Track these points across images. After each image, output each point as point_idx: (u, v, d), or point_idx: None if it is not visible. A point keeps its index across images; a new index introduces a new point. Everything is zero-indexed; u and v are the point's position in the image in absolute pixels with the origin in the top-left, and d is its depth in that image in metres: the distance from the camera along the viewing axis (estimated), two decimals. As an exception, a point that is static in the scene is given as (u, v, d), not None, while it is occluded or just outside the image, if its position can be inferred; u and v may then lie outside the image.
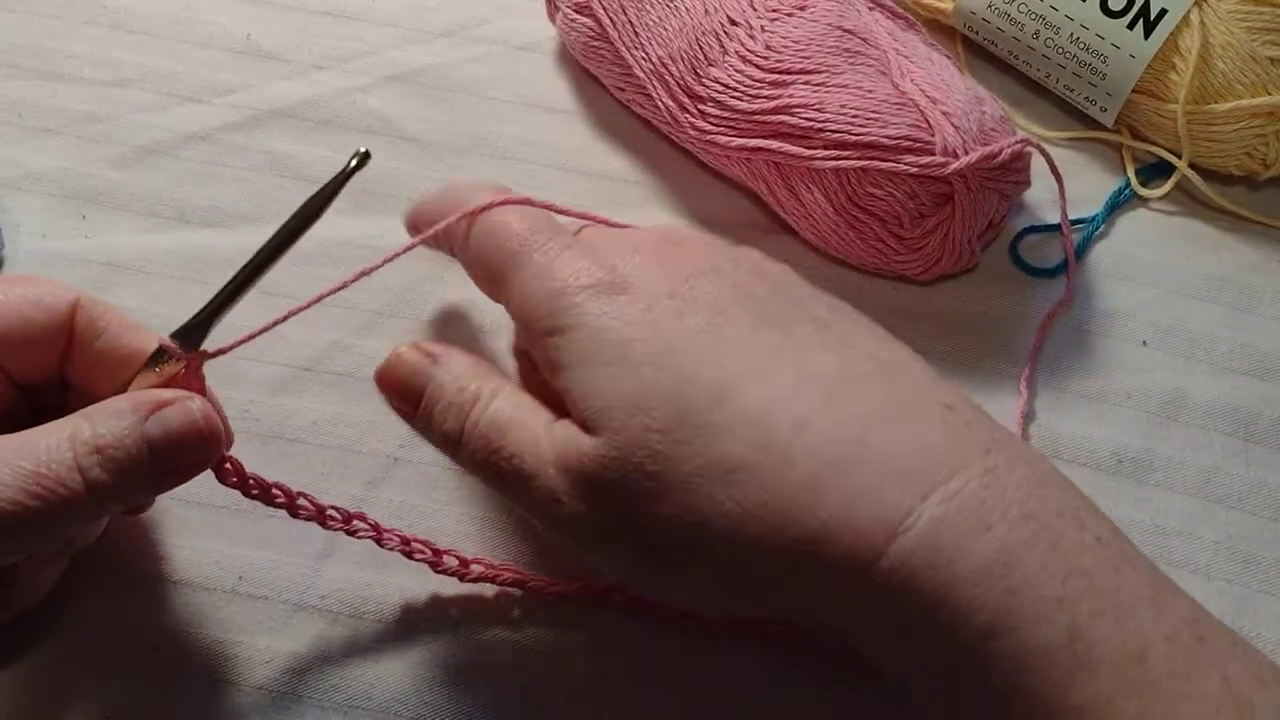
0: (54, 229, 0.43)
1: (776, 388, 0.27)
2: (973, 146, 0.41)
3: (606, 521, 0.28)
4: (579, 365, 0.29)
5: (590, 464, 0.28)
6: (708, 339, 0.28)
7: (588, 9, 0.46)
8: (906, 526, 0.24)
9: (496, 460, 0.30)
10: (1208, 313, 0.45)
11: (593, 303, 0.29)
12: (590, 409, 0.28)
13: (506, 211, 0.33)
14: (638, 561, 0.29)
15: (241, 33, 0.49)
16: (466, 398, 0.31)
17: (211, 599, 0.36)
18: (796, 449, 0.25)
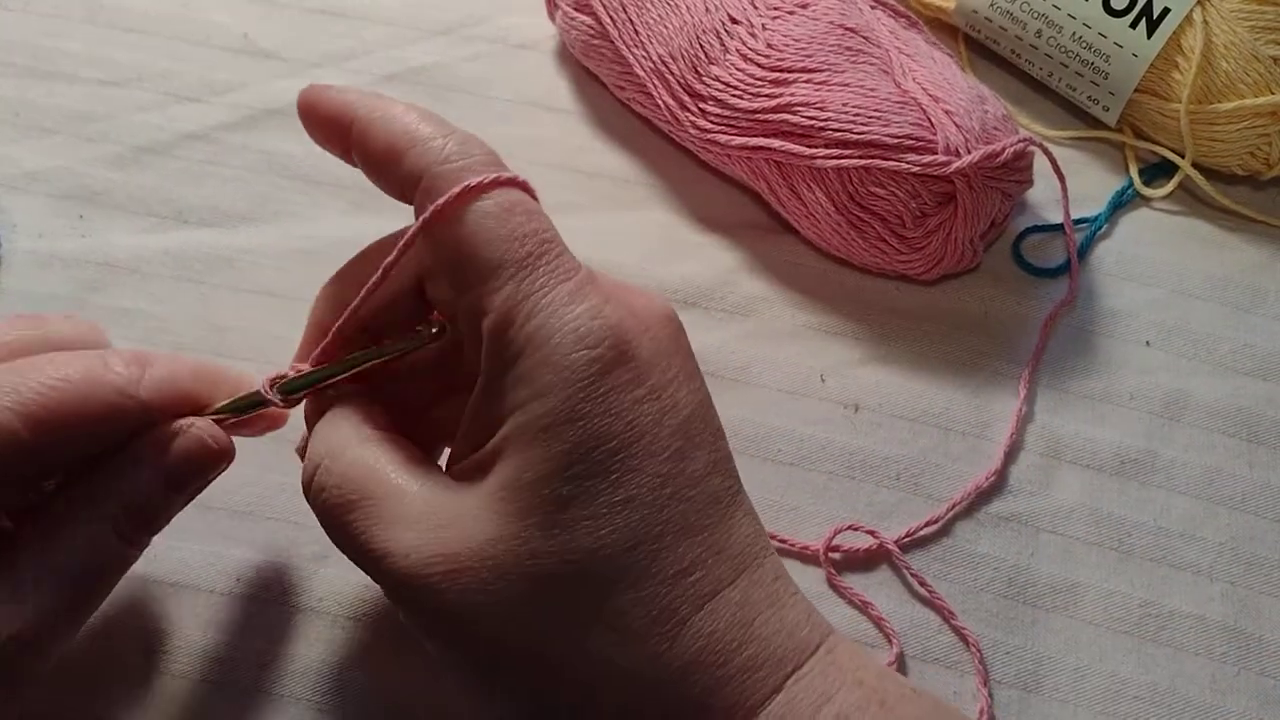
0: (51, 229, 0.43)
1: (697, 558, 0.27)
2: (975, 145, 0.40)
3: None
4: (531, 432, 0.26)
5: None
6: (678, 480, 0.27)
7: (587, 7, 0.46)
8: (762, 709, 0.26)
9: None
10: (1211, 313, 0.45)
11: (595, 367, 0.26)
12: (518, 469, 0.26)
13: (513, 196, 0.28)
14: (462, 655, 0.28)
15: (239, 31, 0.49)
16: (319, 451, 0.30)
17: (209, 601, 0.36)
18: (689, 625, 0.27)
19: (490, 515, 0.26)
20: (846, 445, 0.41)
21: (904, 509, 0.40)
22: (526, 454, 0.26)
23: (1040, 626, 0.38)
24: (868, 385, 0.42)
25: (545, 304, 0.27)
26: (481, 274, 0.27)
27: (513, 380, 0.27)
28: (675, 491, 0.27)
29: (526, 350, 0.26)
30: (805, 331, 0.43)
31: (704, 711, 0.26)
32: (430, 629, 0.28)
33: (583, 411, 0.26)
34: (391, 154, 0.29)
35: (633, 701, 0.26)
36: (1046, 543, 0.39)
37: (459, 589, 0.26)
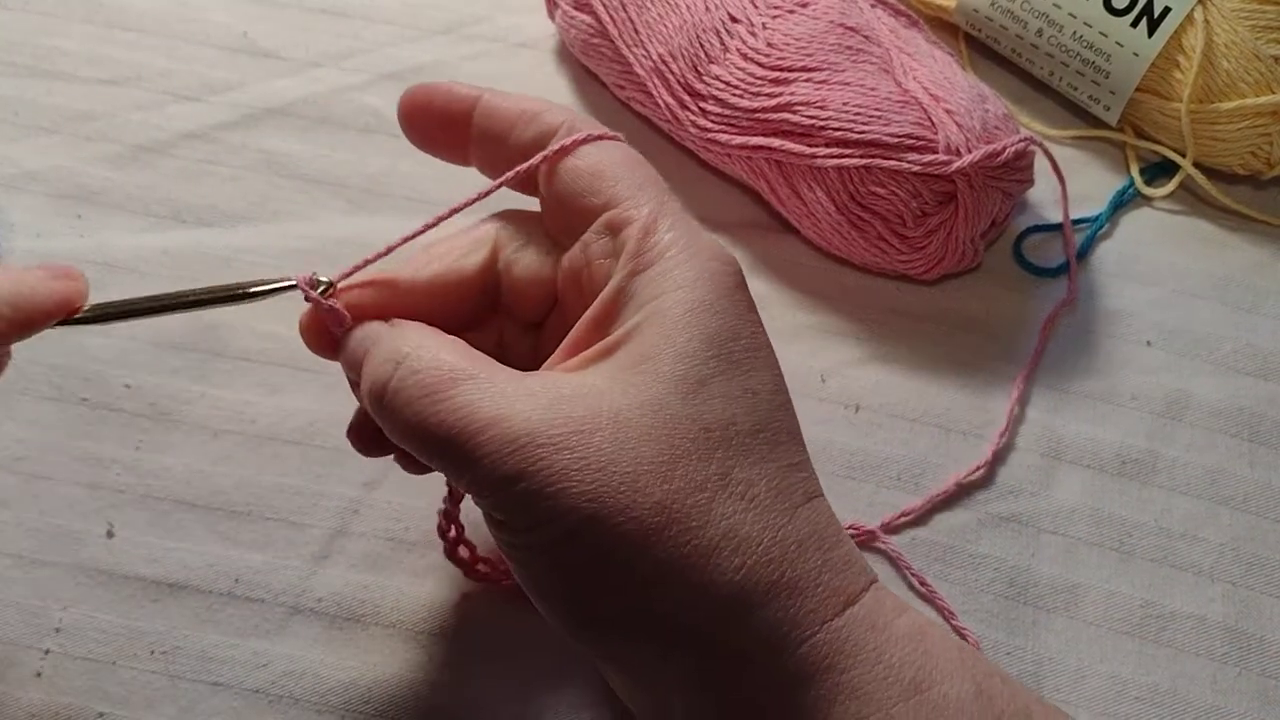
0: (49, 228, 0.43)
1: (805, 458, 0.29)
2: (976, 145, 0.40)
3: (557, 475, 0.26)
4: (676, 317, 0.28)
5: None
6: (785, 393, 0.29)
7: (587, 6, 0.46)
8: (858, 599, 0.28)
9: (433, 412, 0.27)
10: (1212, 312, 0.45)
11: (728, 279, 0.29)
12: (651, 353, 0.27)
13: (623, 148, 0.32)
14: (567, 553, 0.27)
15: (238, 30, 0.49)
16: (394, 354, 0.28)
17: (208, 602, 0.36)
18: (800, 511, 0.28)
19: (623, 387, 0.27)
20: (846, 445, 0.41)
21: (904, 509, 0.39)
22: (668, 333, 0.27)
23: (1041, 627, 0.38)
24: (868, 385, 0.42)
25: (685, 222, 0.30)
26: (625, 193, 0.30)
27: (651, 277, 0.28)
28: (784, 401, 0.29)
29: (671, 250, 0.29)
30: (805, 331, 0.43)
31: (812, 591, 0.27)
32: (543, 496, 0.26)
33: (721, 306, 0.28)
34: (521, 120, 0.31)
35: (750, 568, 0.27)
36: (1047, 543, 0.39)
37: (590, 448, 0.26)
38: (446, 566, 0.37)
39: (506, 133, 0.32)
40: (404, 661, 0.36)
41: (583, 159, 0.31)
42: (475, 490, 0.27)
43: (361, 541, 0.38)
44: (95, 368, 0.40)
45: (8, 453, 0.38)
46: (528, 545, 0.27)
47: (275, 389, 0.40)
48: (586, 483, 0.26)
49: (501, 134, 0.32)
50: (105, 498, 0.38)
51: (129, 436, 0.39)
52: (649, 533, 0.26)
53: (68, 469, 0.38)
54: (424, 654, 0.36)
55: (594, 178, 0.30)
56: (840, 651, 0.27)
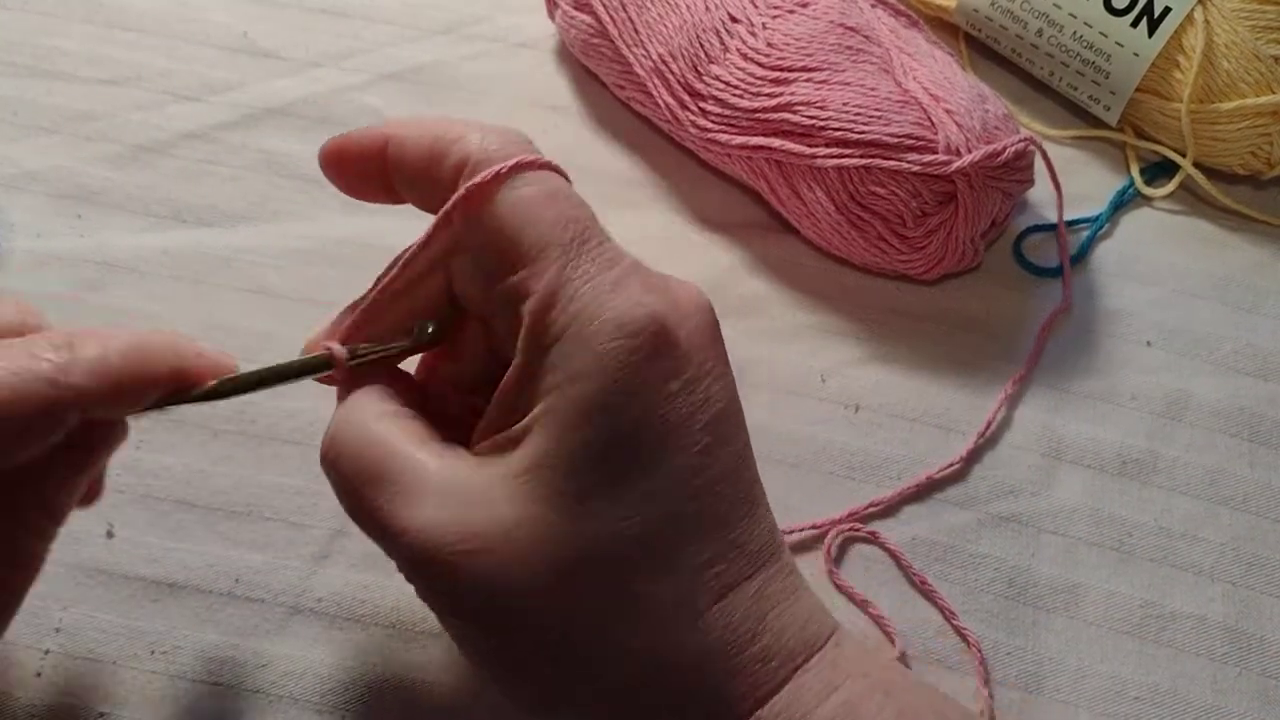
0: (49, 228, 0.43)
1: (718, 552, 0.28)
2: (976, 145, 0.40)
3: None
4: (565, 417, 0.26)
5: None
6: (706, 474, 0.27)
7: (587, 6, 0.46)
8: (771, 699, 0.27)
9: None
10: (1212, 313, 0.45)
11: (636, 355, 0.26)
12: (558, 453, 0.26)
13: (556, 182, 0.28)
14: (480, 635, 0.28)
15: (238, 30, 0.49)
16: (335, 427, 0.29)
17: (207, 602, 0.36)
18: (707, 618, 0.27)
19: (514, 496, 0.26)
20: (846, 445, 0.41)
21: (904, 509, 0.39)
22: (556, 437, 0.26)
23: (1041, 627, 0.38)
24: (868, 385, 0.42)
25: (588, 289, 0.26)
26: (525, 256, 0.27)
27: (550, 363, 0.26)
28: (701, 486, 0.27)
29: (567, 334, 0.26)
30: (805, 331, 0.43)
31: (716, 699, 0.27)
32: (447, 606, 0.28)
33: (617, 401, 0.26)
34: (433, 156, 0.28)
35: (647, 686, 0.27)
36: (1047, 543, 0.39)
37: (479, 567, 0.26)
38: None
39: (424, 171, 0.29)
40: (404, 661, 0.36)
41: (490, 209, 0.28)
42: (412, 584, 0.28)
43: (361, 541, 0.37)
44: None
45: (8, 453, 0.38)
46: (451, 635, 0.29)
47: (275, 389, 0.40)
48: (481, 598, 0.26)
49: (419, 173, 0.29)
50: (105, 498, 0.38)
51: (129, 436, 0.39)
52: (546, 648, 0.27)
53: (68, 469, 0.38)
54: (424, 654, 0.36)
55: (495, 233, 0.27)
56: None
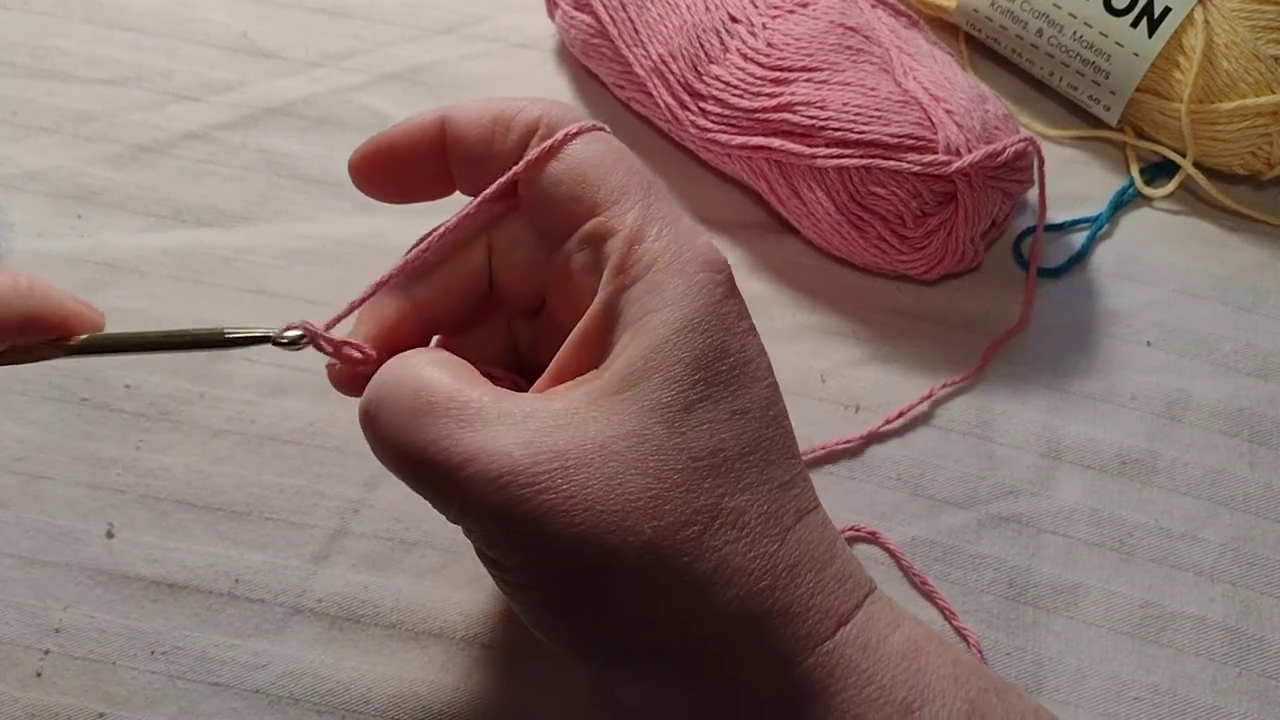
0: (49, 228, 0.43)
1: (796, 475, 0.29)
2: (976, 145, 0.40)
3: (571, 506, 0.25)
4: (662, 337, 0.27)
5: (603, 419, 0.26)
6: (777, 406, 0.29)
7: (587, 6, 0.46)
8: (851, 617, 0.28)
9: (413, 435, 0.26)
10: (1212, 313, 0.45)
11: (718, 288, 0.28)
12: (643, 368, 0.26)
13: (616, 141, 0.29)
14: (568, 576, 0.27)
15: (238, 30, 0.49)
16: (379, 375, 0.28)
17: (207, 602, 0.36)
18: (792, 533, 0.28)
19: (608, 415, 0.26)
20: (847, 445, 0.41)
21: (904, 509, 0.39)
22: (654, 357, 0.27)
23: (1041, 627, 0.38)
24: (868, 385, 0.42)
25: (671, 228, 0.28)
26: (606, 200, 0.28)
27: (639, 293, 0.27)
28: (776, 415, 0.28)
29: (658, 263, 0.27)
30: (805, 331, 0.43)
31: (805, 615, 0.27)
32: (530, 537, 0.26)
33: (709, 324, 0.27)
34: (496, 129, 0.29)
35: (744, 598, 0.26)
36: (1047, 543, 0.39)
37: (576, 484, 0.25)
38: (447, 567, 0.37)
39: (486, 147, 0.30)
40: (404, 661, 0.36)
41: (561, 163, 0.29)
42: (462, 524, 0.27)
43: (361, 541, 0.38)
44: (95, 368, 0.40)
45: (8, 453, 0.38)
46: (518, 582, 0.27)
47: (275, 389, 0.40)
48: (574, 524, 0.25)
49: (481, 150, 0.30)
50: (105, 498, 0.38)
51: (129, 436, 0.39)
52: (640, 571, 0.26)
53: (68, 469, 0.38)
54: (424, 654, 0.36)
55: (574, 183, 0.29)
56: (832, 675, 0.27)
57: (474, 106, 0.30)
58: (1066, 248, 0.46)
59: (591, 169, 0.29)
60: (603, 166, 0.29)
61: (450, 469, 0.25)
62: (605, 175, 0.28)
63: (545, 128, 0.29)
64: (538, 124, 0.29)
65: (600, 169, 0.29)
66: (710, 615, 0.26)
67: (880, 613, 0.28)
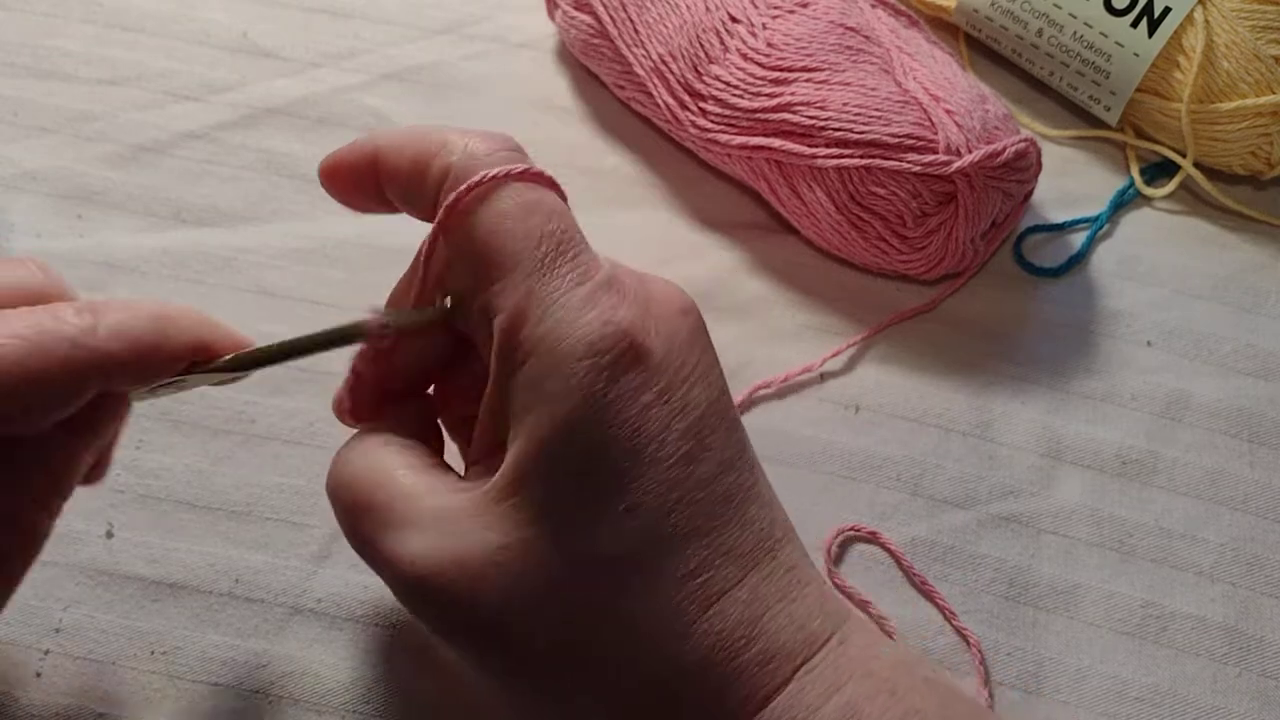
0: (49, 228, 0.43)
1: (704, 560, 0.27)
2: (976, 145, 0.40)
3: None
4: (540, 439, 0.26)
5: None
6: (686, 484, 0.27)
7: (587, 6, 0.46)
8: (774, 699, 0.27)
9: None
10: (1212, 313, 0.45)
11: (604, 375, 0.26)
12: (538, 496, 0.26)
13: (534, 195, 0.28)
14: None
15: (238, 30, 0.49)
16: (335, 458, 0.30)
17: (207, 602, 0.36)
18: (698, 625, 0.27)
19: (497, 520, 0.26)
20: (846, 445, 0.41)
21: (904, 509, 0.39)
22: (532, 460, 0.26)
23: (1041, 627, 0.38)
24: (868, 385, 0.42)
25: (557, 308, 0.26)
26: (497, 272, 0.27)
27: (520, 384, 0.26)
28: (681, 496, 0.27)
29: (535, 354, 0.26)
30: (805, 331, 0.43)
31: (718, 706, 0.27)
32: (441, 630, 0.28)
33: (588, 421, 0.26)
34: (419, 164, 0.28)
35: (648, 698, 0.27)
36: (1047, 543, 0.39)
37: (466, 593, 0.26)
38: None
39: (413, 183, 0.29)
40: (404, 661, 0.36)
41: (468, 222, 0.28)
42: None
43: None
44: (95, 368, 0.40)
45: (8, 453, 0.38)
46: (448, 649, 0.30)
47: (275, 389, 0.40)
48: (472, 622, 0.27)
49: (406, 187, 0.29)
50: (105, 498, 0.38)
51: (129, 436, 0.39)
52: (539, 668, 0.27)
53: (68, 469, 0.38)
54: (424, 654, 0.36)
55: (469, 254, 0.28)
56: None
57: (399, 141, 0.29)
58: (1066, 248, 0.46)
59: (488, 235, 0.27)
60: (499, 233, 0.27)
61: (382, 565, 0.28)
62: (500, 244, 0.27)
63: (452, 179, 0.28)
64: (448, 172, 0.28)
65: (497, 235, 0.27)
66: (629, 704, 0.27)
67: (815, 682, 0.27)
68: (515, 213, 0.27)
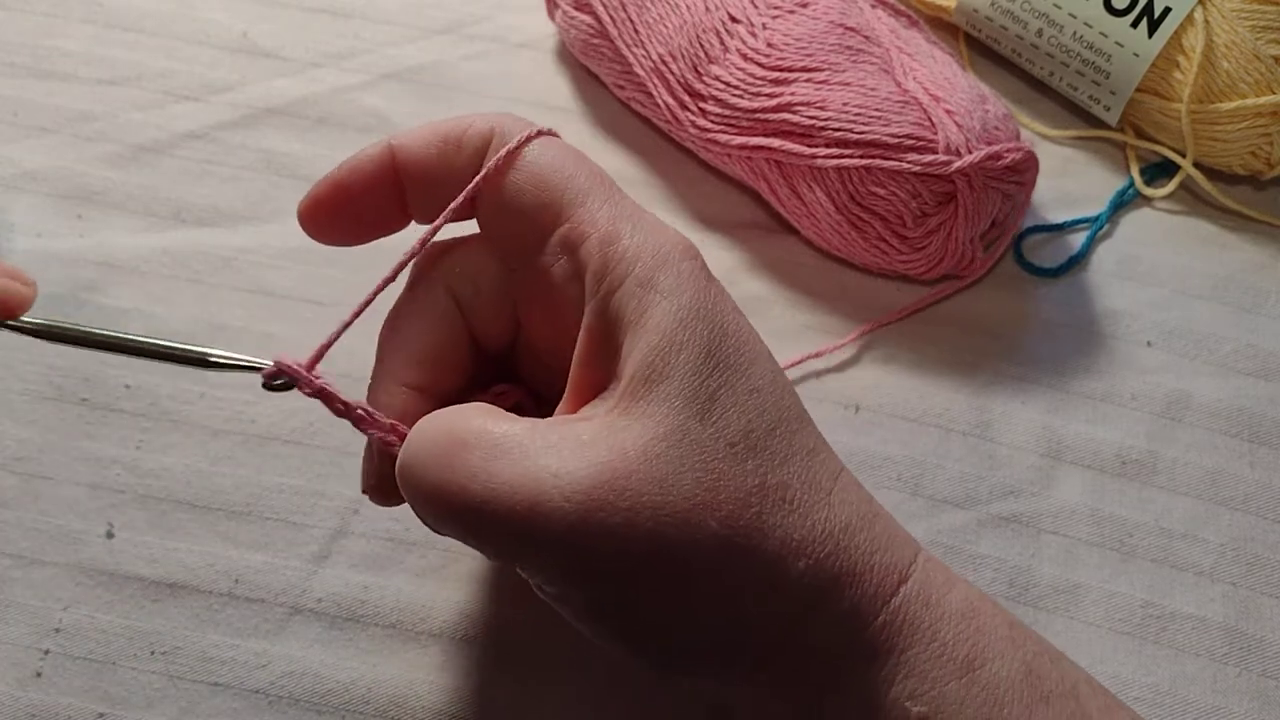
0: (49, 228, 0.43)
1: (818, 440, 0.29)
2: (976, 145, 0.40)
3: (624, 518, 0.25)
4: (667, 331, 0.26)
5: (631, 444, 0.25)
6: (780, 379, 0.28)
7: (587, 6, 0.46)
8: (910, 574, 0.28)
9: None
10: (1212, 313, 0.45)
11: (702, 273, 0.28)
12: (659, 377, 0.26)
13: (567, 144, 0.29)
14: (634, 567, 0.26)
15: (238, 30, 0.49)
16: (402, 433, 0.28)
17: (207, 602, 0.36)
18: (835, 495, 0.28)
19: (640, 420, 0.26)
20: (846, 445, 0.41)
21: (904, 509, 0.39)
22: (667, 353, 0.26)
23: (1041, 627, 0.38)
24: (868, 385, 0.42)
25: (643, 223, 0.28)
26: (571, 204, 0.28)
27: (632, 289, 0.27)
28: (785, 385, 0.28)
29: (640, 259, 0.27)
30: (805, 331, 0.43)
31: (869, 571, 0.27)
32: (594, 561, 0.25)
33: (707, 310, 0.27)
34: (446, 148, 0.29)
35: (813, 568, 0.26)
36: (1048, 543, 0.39)
37: (631, 496, 0.25)
38: (447, 567, 0.37)
39: (441, 168, 0.29)
40: (404, 661, 0.36)
41: (521, 171, 0.28)
42: (520, 561, 0.27)
43: (361, 541, 0.38)
44: (95, 368, 0.40)
45: (8, 453, 0.38)
46: (589, 613, 0.27)
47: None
48: (640, 536, 0.25)
49: (437, 173, 0.29)
50: (105, 498, 0.38)
51: (129, 436, 0.39)
52: (715, 566, 0.26)
53: (68, 469, 0.38)
54: (424, 654, 0.36)
55: (537, 190, 0.28)
56: (900, 632, 0.27)
57: (420, 130, 0.30)
58: (1066, 248, 0.46)
59: (553, 173, 0.28)
60: (564, 170, 0.28)
61: (494, 503, 0.25)
62: (568, 179, 0.28)
63: (499, 138, 0.29)
64: (490, 135, 0.29)
65: (561, 173, 0.28)
66: (785, 591, 0.26)
67: (935, 570, 0.28)
68: (569, 155, 0.29)
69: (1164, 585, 0.39)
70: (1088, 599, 0.38)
